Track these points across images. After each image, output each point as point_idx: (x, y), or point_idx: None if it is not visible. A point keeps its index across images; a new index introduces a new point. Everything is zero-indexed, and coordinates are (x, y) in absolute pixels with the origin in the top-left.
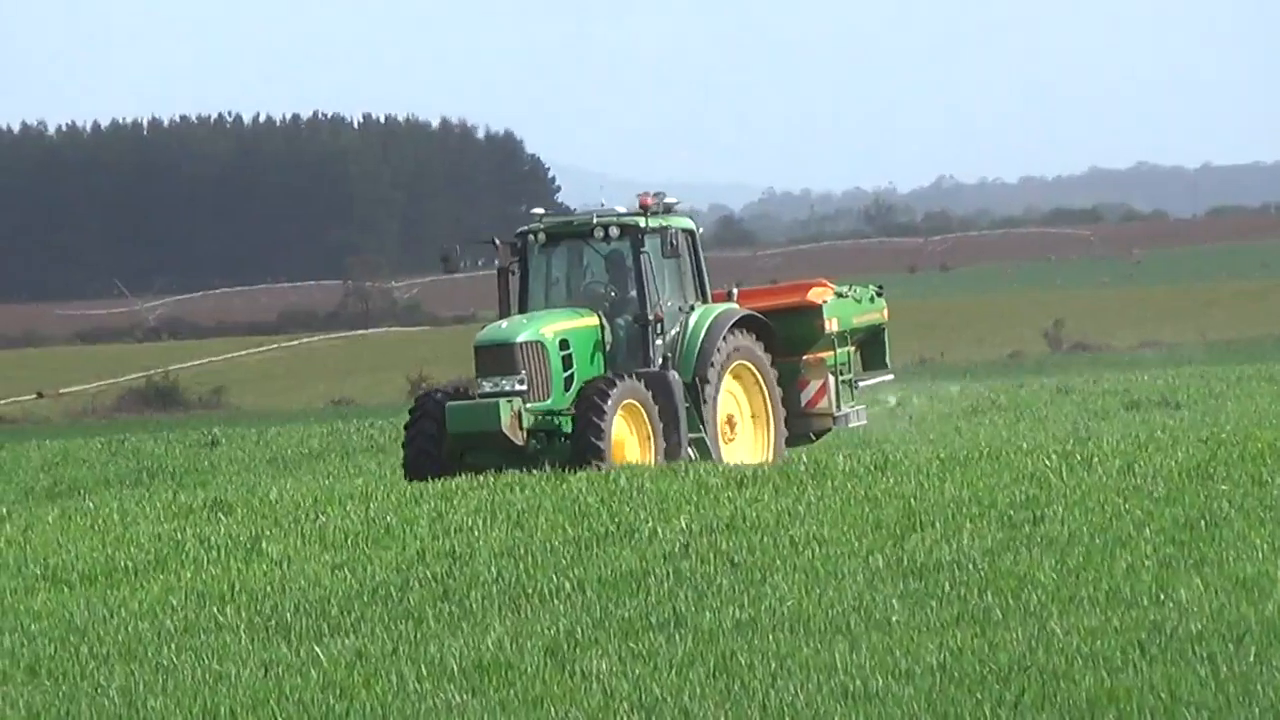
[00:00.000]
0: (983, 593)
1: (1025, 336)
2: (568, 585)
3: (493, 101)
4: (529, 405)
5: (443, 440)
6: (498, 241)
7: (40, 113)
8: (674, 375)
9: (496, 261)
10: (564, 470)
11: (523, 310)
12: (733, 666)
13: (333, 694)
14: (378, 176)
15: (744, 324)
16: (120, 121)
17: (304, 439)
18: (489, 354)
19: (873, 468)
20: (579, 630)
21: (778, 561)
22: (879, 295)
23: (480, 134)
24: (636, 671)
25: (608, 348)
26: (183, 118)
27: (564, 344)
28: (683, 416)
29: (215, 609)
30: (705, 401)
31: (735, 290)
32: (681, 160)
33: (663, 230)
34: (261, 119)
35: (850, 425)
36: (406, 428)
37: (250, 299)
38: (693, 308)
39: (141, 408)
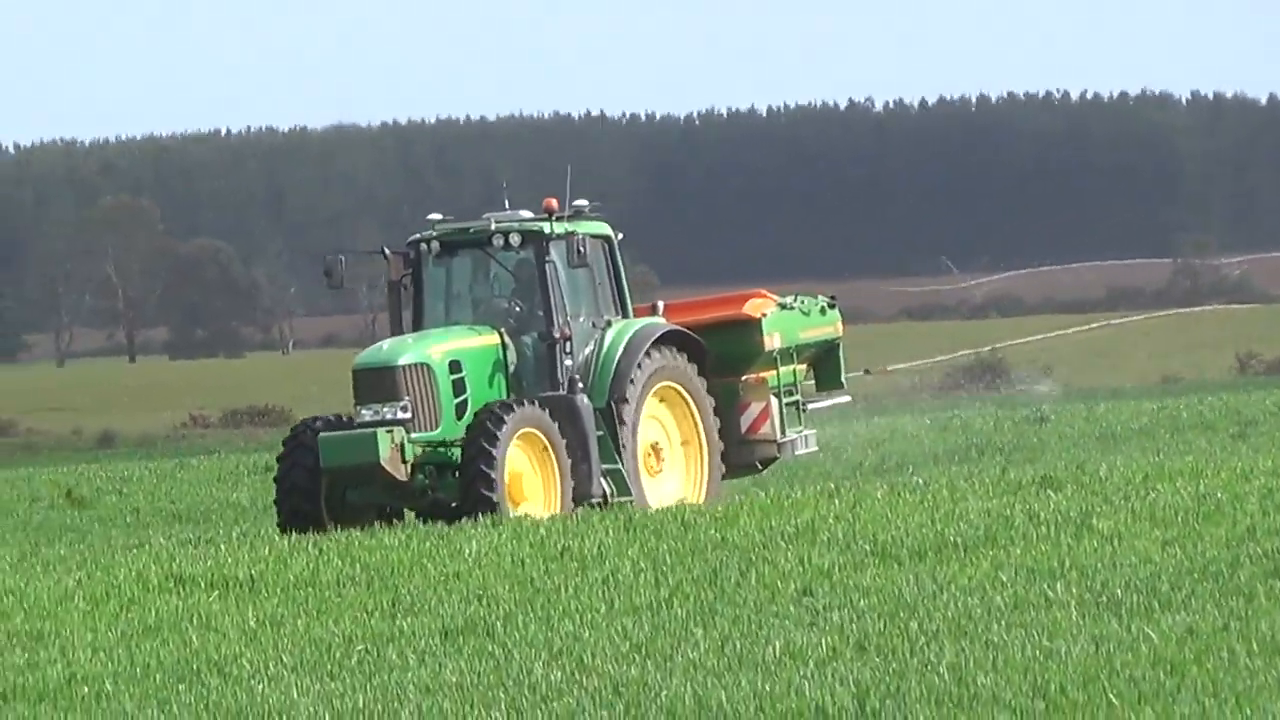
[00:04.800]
0: None
1: None
2: None
3: None
4: (413, 436)
5: (320, 477)
6: (387, 252)
7: (867, 90)
8: (583, 399)
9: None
10: (456, 509)
11: (418, 328)
12: None
13: (1163, 670)
14: (1206, 154)
15: (670, 341)
16: (947, 99)
17: (1133, 415)
18: (367, 378)
19: None
20: None
21: None
22: (831, 307)
23: None
24: None
25: (511, 369)
26: (1010, 94)
27: (455, 366)
28: (593, 446)
29: (1045, 585)
30: (623, 428)
31: (661, 304)
32: None
33: (569, 237)
34: (1089, 95)
35: (798, 453)
36: (279, 460)
37: (1076, 276)
38: (609, 323)
39: (969, 384)
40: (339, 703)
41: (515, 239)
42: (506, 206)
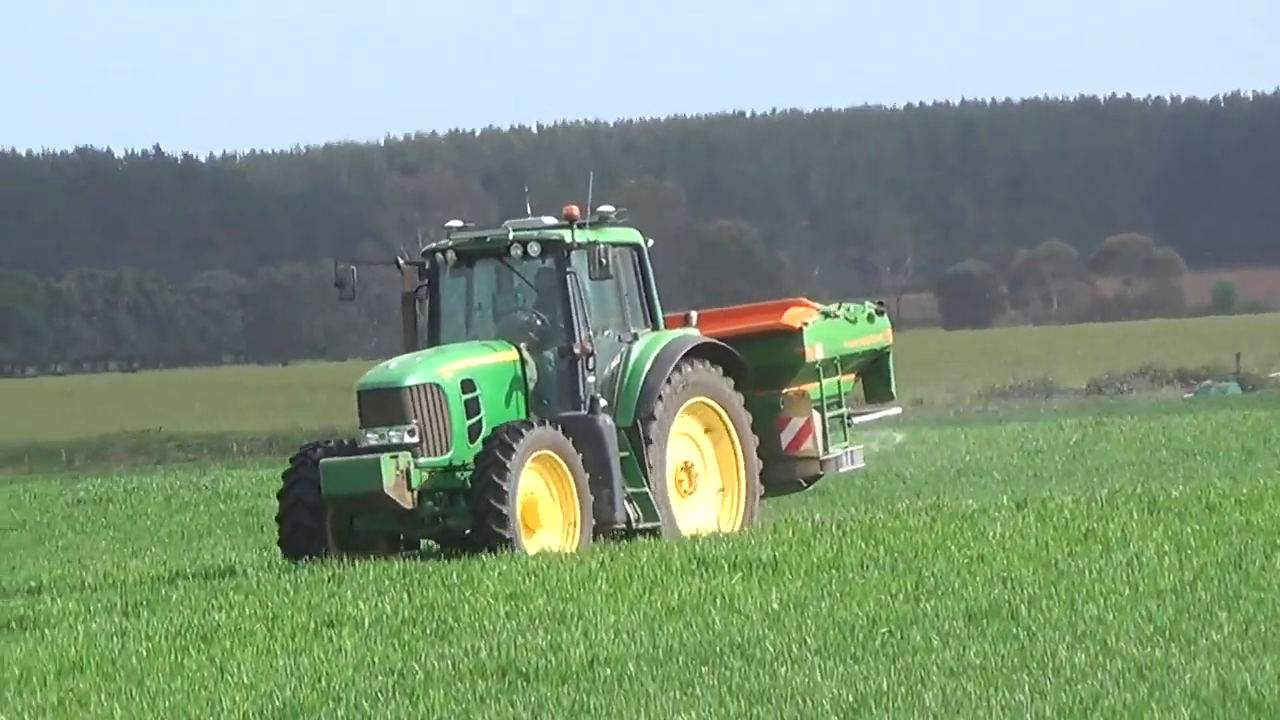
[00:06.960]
0: None
1: None
2: None
3: None
4: (421, 460)
5: (324, 505)
6: (401, 262)
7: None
8: (604, 419)
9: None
10: (468, 538)
11: (435, 344)
12: None
13: None
14: None
15: (703, 353)
16: None
17: None
18: (372, 400)
19: None
20: None
21: None
22: (880, 314)
23: None
24: None
25: (531, 387)
26: None
27: (468, 385)
28: (615, 468)
29: None
30: (650, 448)
31: (694, 315)
32: None
33: (591, 246)
34: None
35: (843, 469)
36: (280, 494)
37: None
38: (636, 336)
39: None
40: (862, 685)
41: (535, 249)
42: (529, 212)
